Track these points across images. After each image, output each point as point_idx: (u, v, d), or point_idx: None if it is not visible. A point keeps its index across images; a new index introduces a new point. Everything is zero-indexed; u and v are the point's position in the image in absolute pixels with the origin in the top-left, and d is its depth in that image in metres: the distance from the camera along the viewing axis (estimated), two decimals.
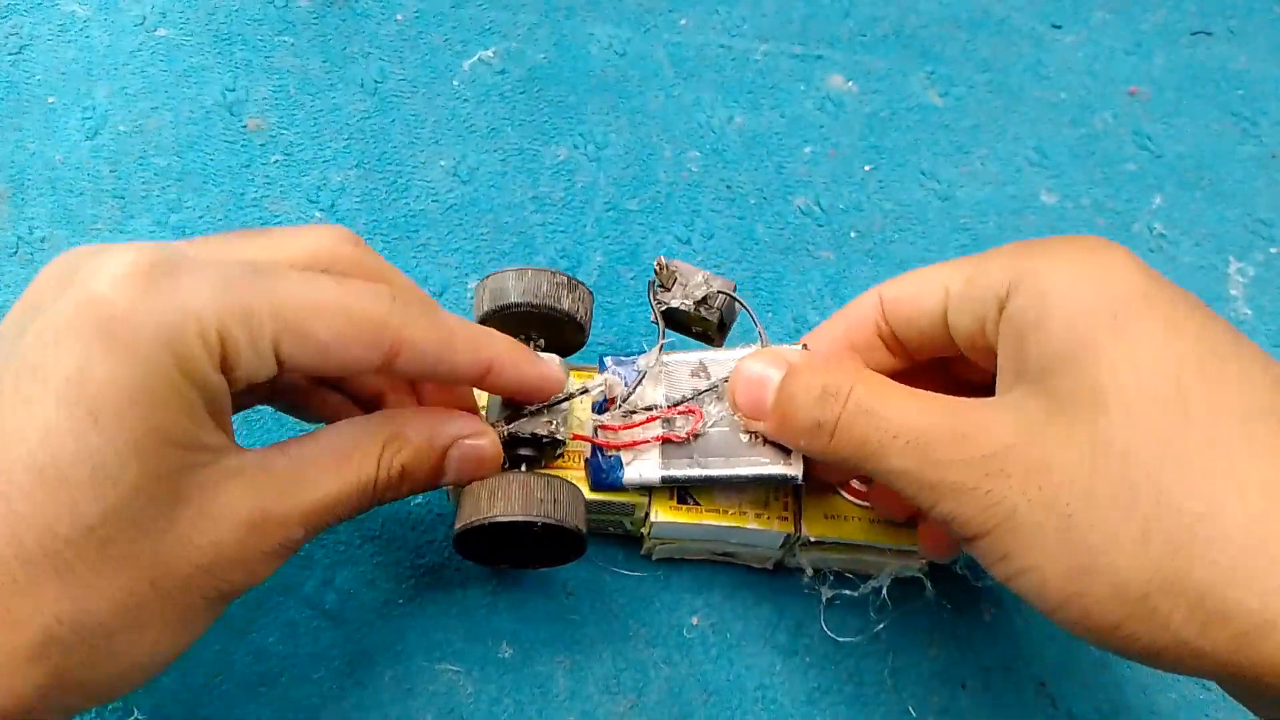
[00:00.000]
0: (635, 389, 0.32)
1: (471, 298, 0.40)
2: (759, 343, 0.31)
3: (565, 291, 0.32)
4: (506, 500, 0.29)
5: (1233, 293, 0.43)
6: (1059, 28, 0.51)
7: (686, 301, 0.32)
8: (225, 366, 0.23)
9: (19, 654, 0.21)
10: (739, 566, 0.35)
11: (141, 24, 0.46)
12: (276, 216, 0.41)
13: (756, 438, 0.30)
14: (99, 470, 0.21)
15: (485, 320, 0.32)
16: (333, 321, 0.24)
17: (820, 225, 0.44)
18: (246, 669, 0.32)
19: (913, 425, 0.25)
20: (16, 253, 0.39)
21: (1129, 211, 0.45)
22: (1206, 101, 0.49)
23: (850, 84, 0.48)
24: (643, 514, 0.32)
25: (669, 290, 0.33)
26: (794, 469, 0.30)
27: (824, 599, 0.34)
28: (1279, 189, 0.46)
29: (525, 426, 0.31)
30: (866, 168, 0.45)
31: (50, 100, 0.43)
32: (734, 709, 0.33)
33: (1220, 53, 0.50)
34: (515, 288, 0.32)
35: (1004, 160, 0.46)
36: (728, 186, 0.44)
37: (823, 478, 0.31)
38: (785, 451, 0.30)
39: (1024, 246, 0.27)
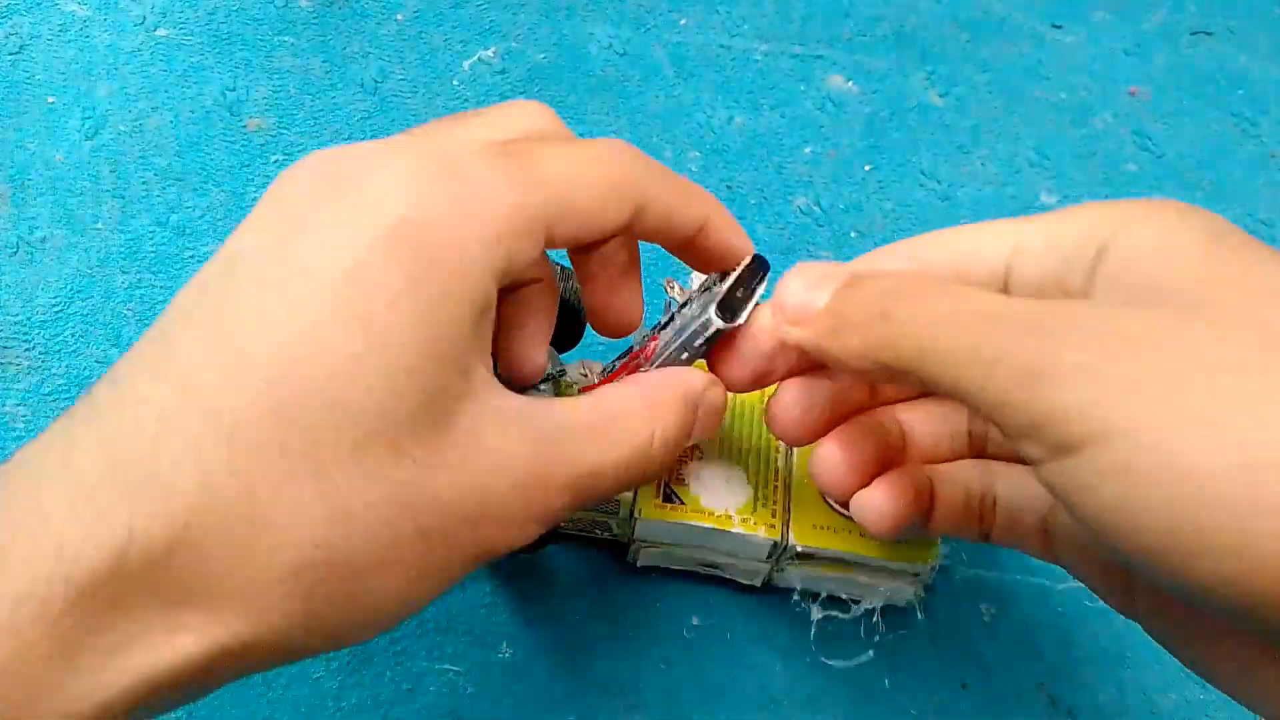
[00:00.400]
0: (614, 366, 0.30)
1: None
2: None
3: (560, 279, 0.31)
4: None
5: None
6: (1059, 28, 0.51)
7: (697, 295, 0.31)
8: (502, 274, 0.22)
9: (273, 576, 0.19)
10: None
11: (141, 24, 0.46)
12: None
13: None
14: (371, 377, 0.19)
15: None
16: (593, 189, 0.23)
17: (820, 225, 0.44)
18: None
19: (1017, 306, 0.20)
20: (16, 252, 0.39)
21: None
22: (1207, 102, 0.49)
23: (850, 84, 0.48)
24: (627, 513, 0.32)
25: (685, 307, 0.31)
26: (711, 315, 0.27)
27: (814, 619, 0.33)
28: (1279, 189, 0.46)
29: None
30: (867, 168, 0.45)
31: (50, 100, 0.43)
32: (734, 709, 0.33)
33: (1221, 53, 0.50)
34: None
35: (1004, 160, 0.46)
36: (728, 186, 0.44)
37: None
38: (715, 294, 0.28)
39: (1108, 206, 0.22)
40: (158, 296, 0.39)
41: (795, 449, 0.33)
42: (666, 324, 0.29)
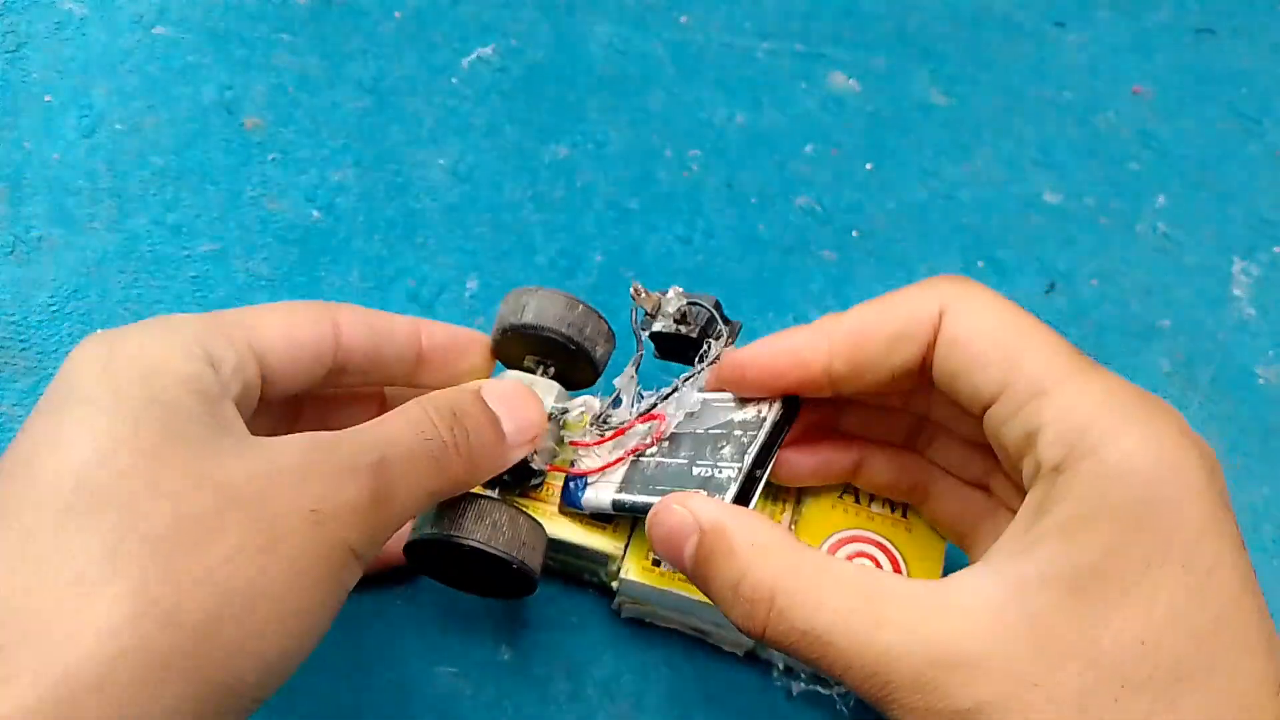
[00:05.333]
0: (611, 408, 0.31)
1: (471, 297, 0.40)
2: (723, 338, 0.30)
3: (603, 341, 0.32)
4: (475, 523, 0.28)
5: (1236, 292, 0.43)
6: (1062, 26, 0.51)
7: (667, 322, 0.32)
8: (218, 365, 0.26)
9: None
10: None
11: (139, 22, 0.45)
12: (274, 215, 0.41)
13: (710, 470, 0.29)
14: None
15: (510, 330, 0.32)
16: (284, 319, 0.28)
17: (822, 224, 0.43)
18: None
19: (858, 652, 0.22)
20: (13, 251, 0.39)
21: (1132, 211, 0.45)
22: (1210, 100, 0.48)
23: (852, 82, 0.48)
24: (616, 567, 0.31)
25: (653, 317, 0.32)
26: (726, 498, 0.28)
27: (793, 694, 0.33)
28: None
29: None
30: (868, 166, 0.45)
31: (47, 99, 0.43)
32: (734, 712, 0.33)
33: (1224, 51, 0.50)
34: (563, 317, 0.31)
35: (1007, 159, 0.46)
36: (729, 185, 0.44)
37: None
38: (724, 487, 0.29)
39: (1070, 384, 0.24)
40: (155, 296, 0.39)
41: (796, 530, 0.32)
42: (652, 407, 0.31)
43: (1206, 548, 0.21)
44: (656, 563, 0.31)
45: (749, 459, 0.28)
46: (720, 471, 0.28)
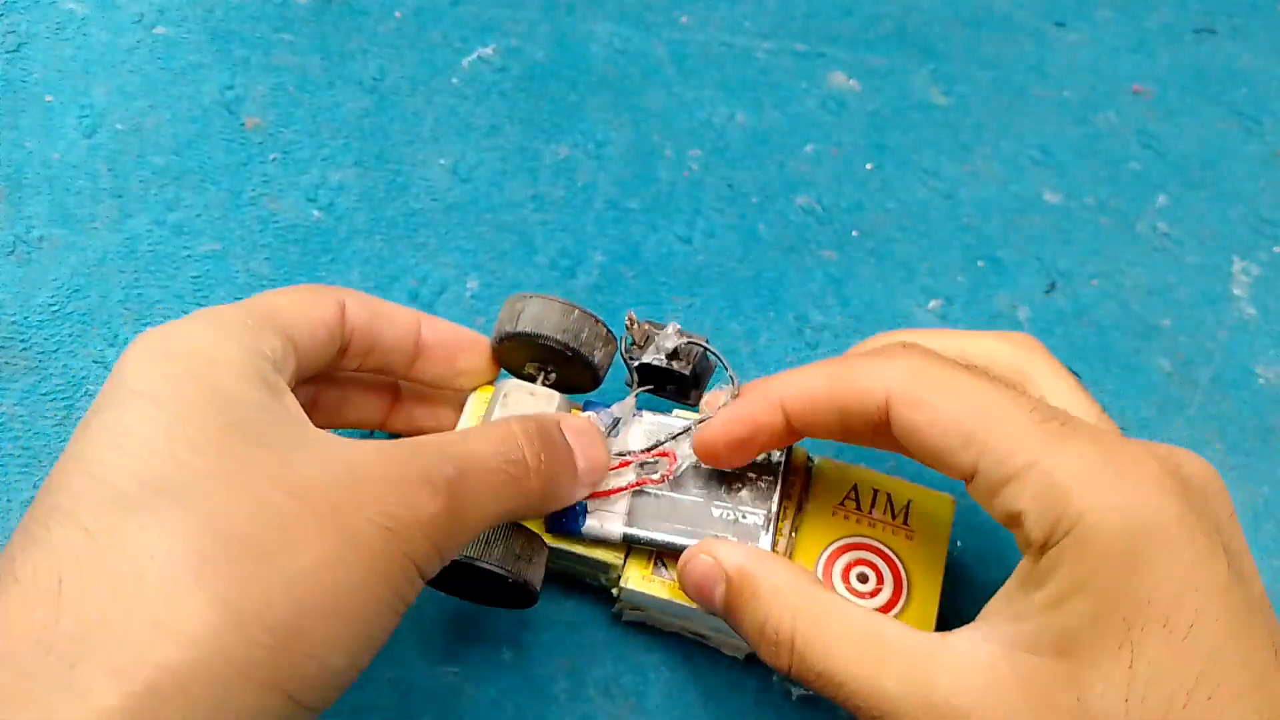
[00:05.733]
0: (612, 434, 0.32)
1: (471, 297, 0.40)
2: (730, 385, 0.31)
3: (601, 344, 0.32)
4: (478, 543, 0.28)
5: (1236, 292, 0.43)
6: (1062, 26, 0.51)
7: (658, 356, 0.32)
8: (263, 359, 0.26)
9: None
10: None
11: (139, 21, 0.45)
12: (275, 215, 0.41)
13: (730, 513, 0.30)
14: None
15: (506, 338, 0.32)
16: (301, 302, 0.28)
17: (822, 224, 0.43)
18: None
19: (865, 695, 0.24)
20: (14, 251, 0.39)
21: (1132, 210, 0.45)
22: (1210, 100, 0.48)
23: (853, 82, 0.48)
24: (617, 575, 0.31)
25: (642, 347, 0.32)
26: (763, 550, 0.30)
27: (793, 698, 0.33)
28: None
29: None
30: (869, 166, 0.45)
31: (48, 98, 0.43)
32: (734, 712, 0.33)
33: (1224, 51, 0.50)
34: (559, 324, 0.31)
35: (1007, 159, 0.46)
36: (729, 185, 0.44)
37: None
38: (754, 534, 0.30)
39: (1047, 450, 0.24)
40: (156, 296, 0.39)
41: (796, 540, 0.32)
42: (660, 444, 0.31)
43: (1187, 604, 0.22)
44: (660, 562, 0.31)
45: (774, 507, 0.31)
46: (745, 517, 0.31)
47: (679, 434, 0.31)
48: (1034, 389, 0.28)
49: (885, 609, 0.30)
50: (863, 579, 0.31)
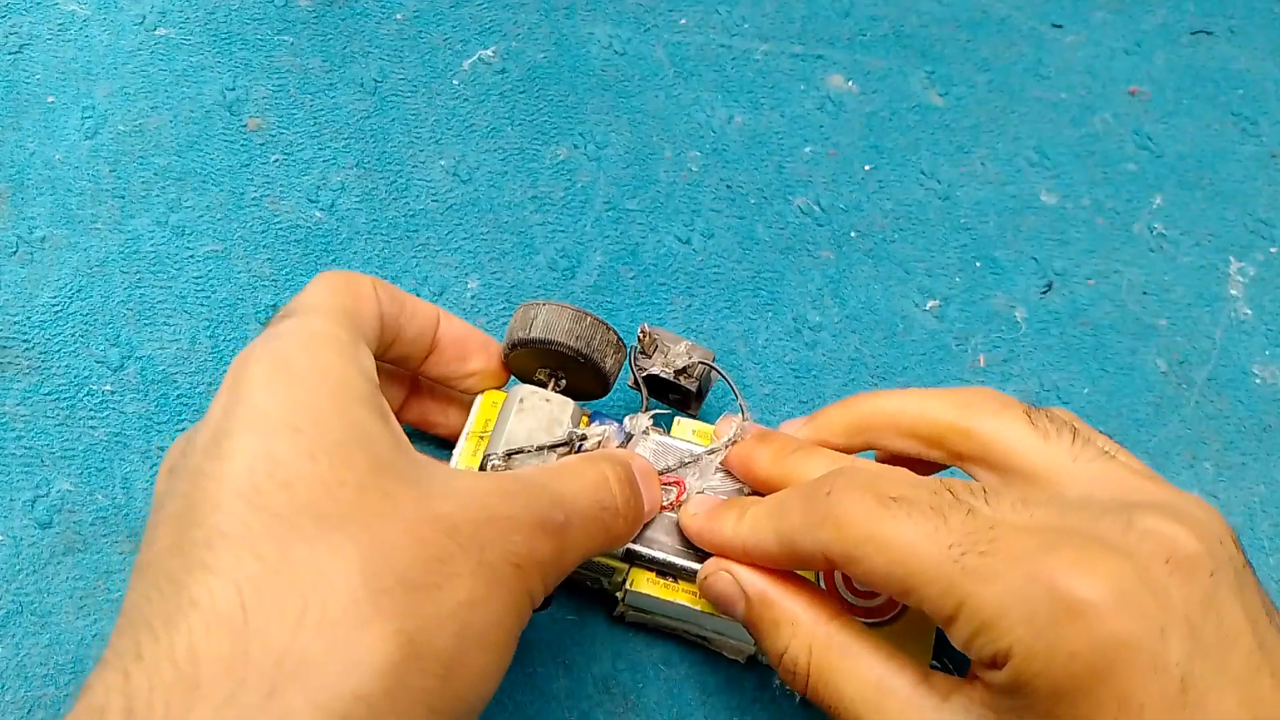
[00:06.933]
0: (620, 445, 0.32)
1: (472, 297, 0.40)
2: (740, 415, 0.32)
3: (612, 351, 0.32)
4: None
5: (1233, 292, 0.43)
6: (1059, 27, 0.51)
7: (667, 370, 0.33)
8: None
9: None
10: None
11: (141, 23, 0.46)
12: (276, 216, 0.41)
13: None
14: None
15: (520, 345, 0.32)
16: (353, 294, 0.28)
17: (820, 225, 0.44)
18: None
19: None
20: (16, 252, 0.39)
21: (1129, 211, 0.45)
22: (1207, 101, 0.49)
23: (850, 84, 0.48)
24: (621, 579, 0.32)
25: (650, 357, 0.33)
26: None
27: (795, 700, 0.33)
28: (1279, 189, 0.46)
29: (521, 464, 0.31)
30: (866, 167, 0.45)
31: (50, 99, 0.43)
32: (732, 709, 0.33)
33: (1221, 52, 0.50)
34: (572, 331, 0.32)
35: (1004, 160, 0.46)
36: (728, 186, 0.44)
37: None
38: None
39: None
40: (157, 296, 0.39)
41: None
42: (670, 470, 0.32)
43: None
44: (661, 574, 0.31)
45: None
46: None
47: (689, 462, 0.32)
48: (976, 442, 0.27)
49: (885, 610, 0.31)
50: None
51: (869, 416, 0.30)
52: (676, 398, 0.34)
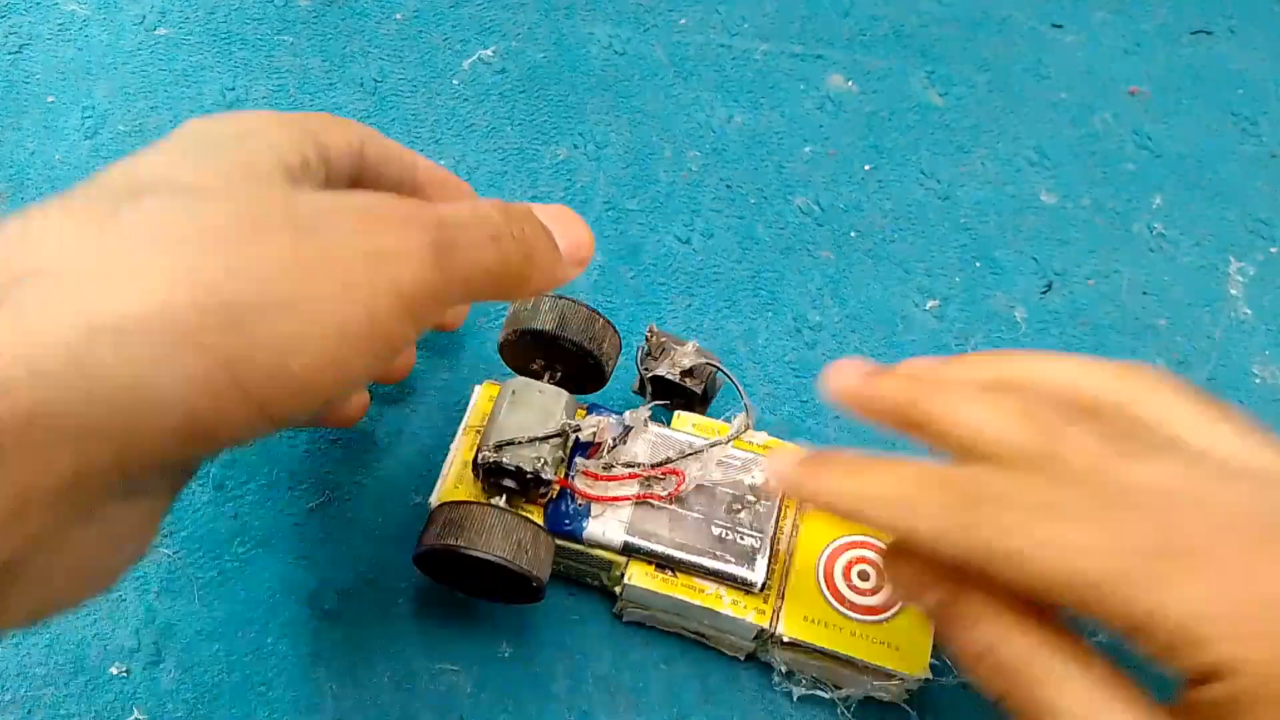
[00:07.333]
0: (620, 442, 0.32)
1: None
2: (745, 414, 0.32)
3: (610, 347, 0.33)
4: (485, 534, 0.29)
5: (1232, 292, 0.43)
6: (1059, 27, 0.51)
7: (673, 371, 0.33)
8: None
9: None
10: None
11: (141, 23, 0.46)
12: None
13: (729, 533, 0.31)
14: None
15: (522, 334, 0.32)
16: (329, 121, 0.27)
17: (820, 225, 0.44)
18: (246, 668, 0.32)
19: None
20: None
21: (1129, 211, 0.45)
22: (1206, 101, 0.49)
23: (850, 84, 0.48)
24: (619, 573, 0.32)
25: (656, 359, 0.33)
26: (756, 575, 0.30)
27: (795, 698, 0.33)
28: (1279, 189, 0.46)
29: (513, 455, 0.30)
30: (866, 167, 0.45)
31: (50, 99, 0.43)
32: (733, 708, 0.33)
33: (1220, 52, 0.50)
34: (574, 324, 0.32)
35: (1004, 160, 0.46)
36: (727, 186, 0.44)
37: None
38: (750, 557, 0.31)
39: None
40: None
41: (797, 538, 0.32)
42: (669, 461, 0.32)
43: None
44: (660, 567, 0.31)
45: (769, 533, 0.31)
46: (742, 539, 0.31)
47: (690, 454, 0.31)
48: (1150, 433, 0.25)
49: (885, 607, 0.31)
50: (864, 576, 0.31)
51: (1018, 379, 0.27)
52: (682, 401, 0.34)
